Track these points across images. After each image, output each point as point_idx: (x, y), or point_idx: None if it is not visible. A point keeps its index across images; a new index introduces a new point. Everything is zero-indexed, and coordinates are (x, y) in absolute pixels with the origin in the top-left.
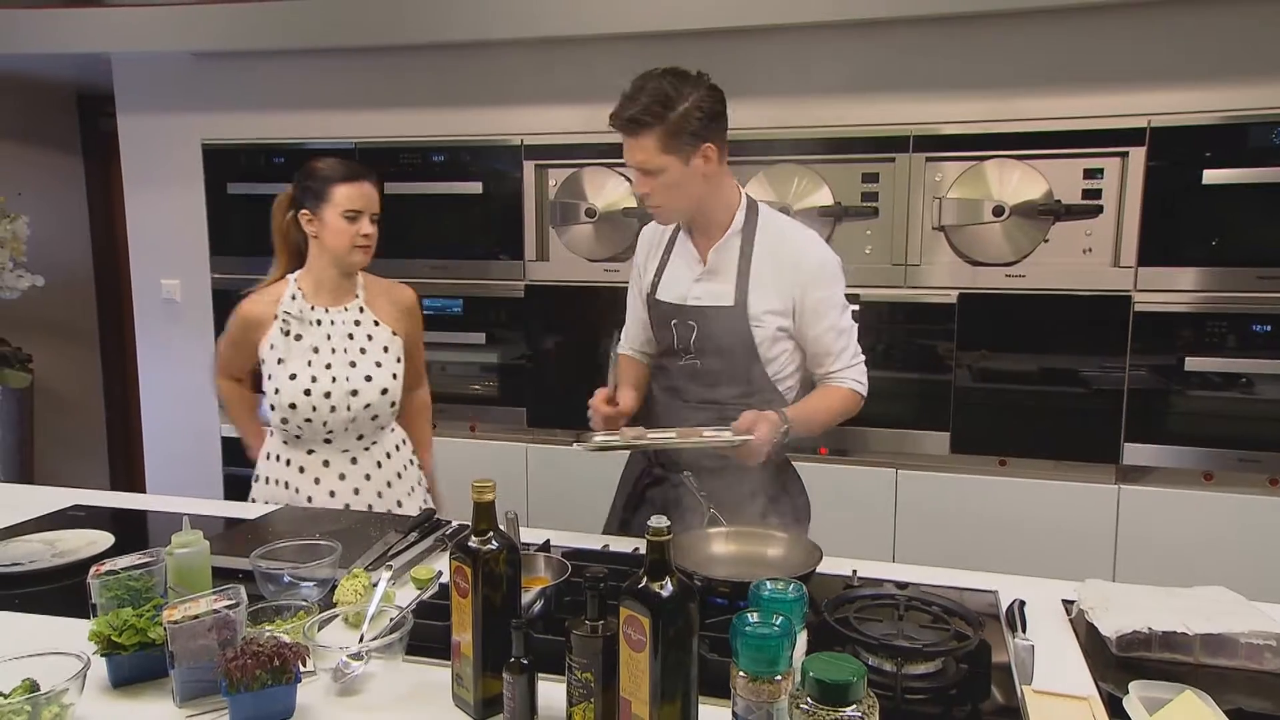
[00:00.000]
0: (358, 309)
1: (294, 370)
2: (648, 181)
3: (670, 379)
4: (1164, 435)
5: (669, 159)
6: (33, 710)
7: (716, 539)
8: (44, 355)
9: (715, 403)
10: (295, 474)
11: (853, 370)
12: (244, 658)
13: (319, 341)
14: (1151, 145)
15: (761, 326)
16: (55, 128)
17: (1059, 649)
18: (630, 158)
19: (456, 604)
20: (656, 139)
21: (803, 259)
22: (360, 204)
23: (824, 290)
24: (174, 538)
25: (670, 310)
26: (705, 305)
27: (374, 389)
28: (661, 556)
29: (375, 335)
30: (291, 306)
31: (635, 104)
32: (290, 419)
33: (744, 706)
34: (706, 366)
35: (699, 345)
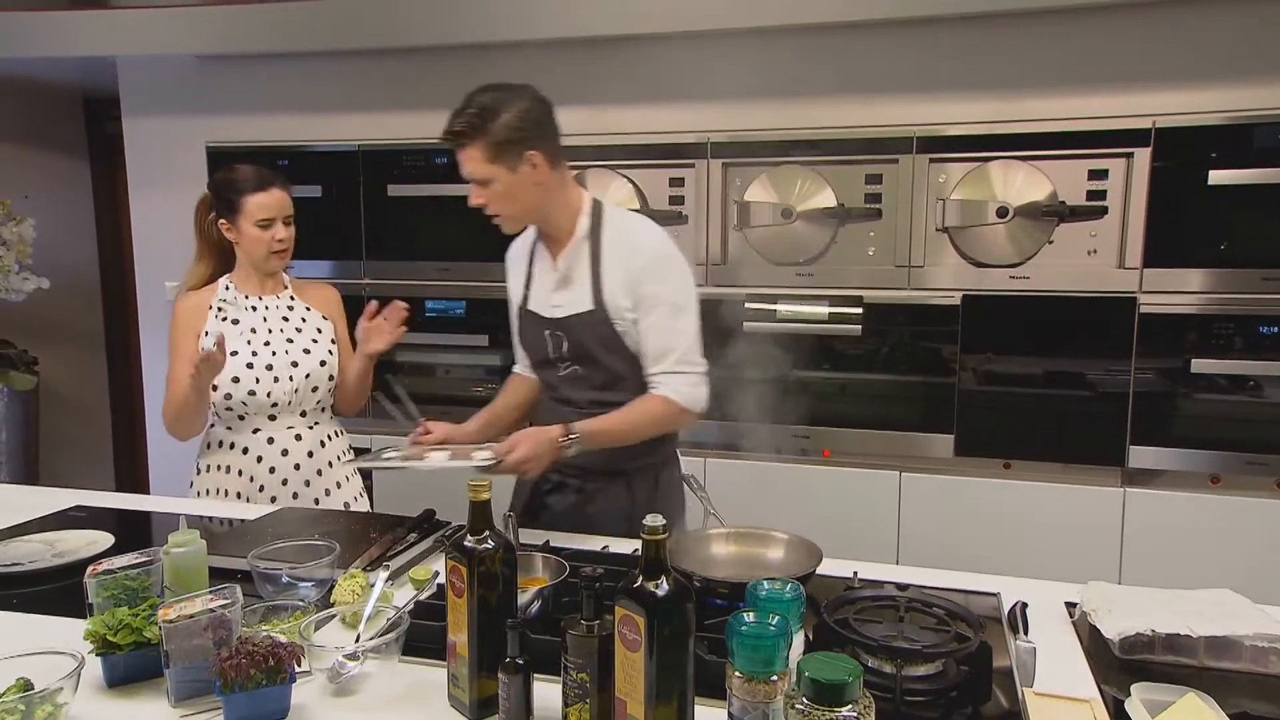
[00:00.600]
0: (289, 297)
1: (234, 348)
2: (481, 192)
3: (555, 389)
4: (1170, 438)
5: (496, 168)
6: (26, 709)
7: (716, 540)
8: (49, 358)
9: (606, 404)
10: (238, 456)
11: (675, 379)
12: (238, 657)
13: (255, 323)
14: (1157, 146)
15: (622, 321)
16: (62, 131)
17: (1061, 651)
18: (461, 170)
19: (452, 604)
20: (481, 150)
21: (638, 250)
22: (272, 211)
23: (653, 285)
24: (171, 537)
25: (541, 322)
26: (568, 314)
27: (313, 360)
28: (657, 555)
29: (308, 317)
30: (226, 295)
31: (458, 118)
32: (234, 394)
33: (740, 707)
34: (588, 372)
35: (574, 353)
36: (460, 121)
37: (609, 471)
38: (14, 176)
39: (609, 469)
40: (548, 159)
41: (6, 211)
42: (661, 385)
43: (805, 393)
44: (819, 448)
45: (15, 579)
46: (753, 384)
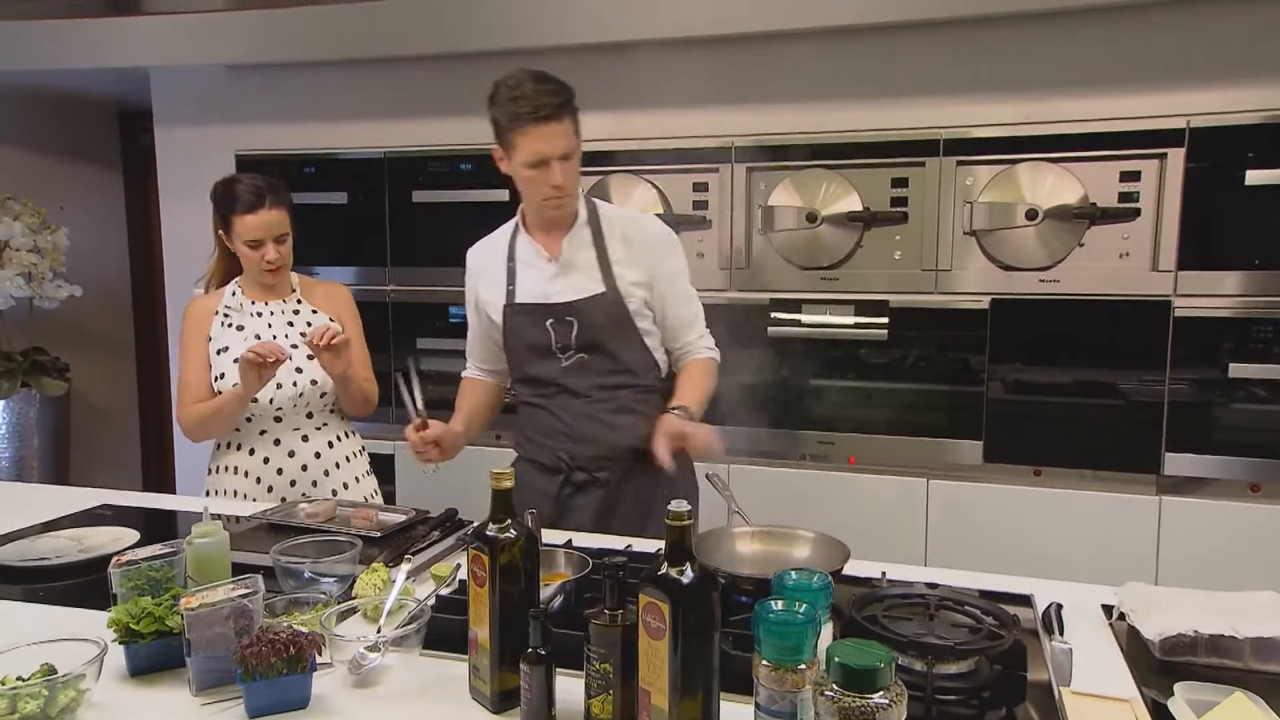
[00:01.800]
0: (295, 300)
1: (238, 355)
2: (565, 167)
3: (553, 384)
4: (1207, 445)
5: (577, 141)
6: (49, 695)
7: (742, 537)
8: (80, 365)
9: (612, 388)
10: (246, 457)
11: (707, 340)
12: (259, 645)
13: (260, 329)
14: (1191, 146)
15: (632, 300)
16: (97, 143)
17: (1099, 652)
18: (551, 146)
19: (474, 594)
20: (572, 121)
21: (649, 232)
22: (259, 233)
23: (673, 260)
24: (194, 528)
25: (541, 312)
26: (577, 298)
27: (317, 364)
28: (681, 542)
29: (314, 321)
30: (232, 301)
31: (554, 89)
32: None
33: (767, 696)
34: (595, 359)
35: (582, 340)
36: (561, 91)
37: (635, 455)
38: (50, 187)
39: (635, 452)
40: None
41: (41, 220)
42: (703, 348)
43: (830, 398)
44: (844, 454)
45: (42, 573)
46: (777, 389)
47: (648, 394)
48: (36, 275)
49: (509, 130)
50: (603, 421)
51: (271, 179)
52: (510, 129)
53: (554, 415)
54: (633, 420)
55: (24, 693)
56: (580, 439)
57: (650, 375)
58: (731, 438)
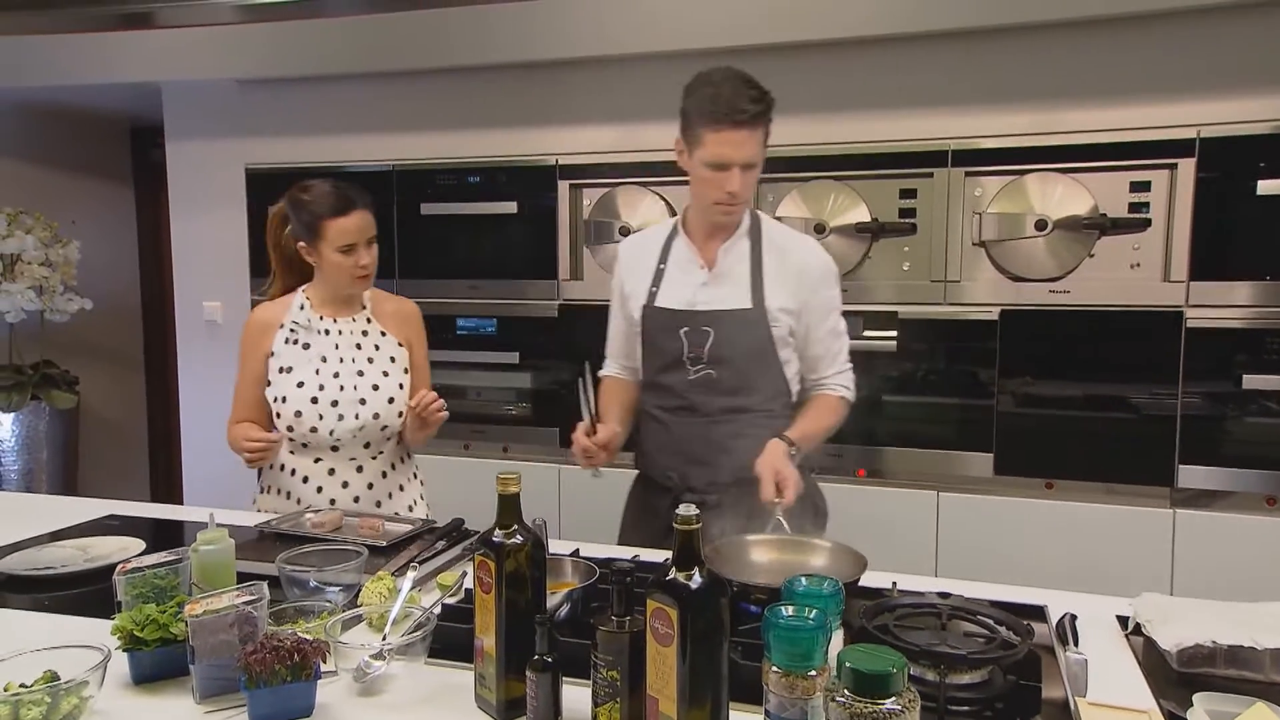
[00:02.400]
0: (365, 319)
1: (301, 378)
2: (745, 178)
3: (679, 396)
4: (1222, 457)
5: (762, 153)
6: (52, 701)
7: (758, 546)
8: (90, 379)
9: (738, 411)
10: (299, 484)
11: (844, 376)
12: (264, 652)
13: (327, 350)
14: (1202, 156)
15: (778, 325)
16: (109, 159)
17: (1114, 664)
18: (740, 151)
19: (480, 600)
20: (763, 130)
21: (810, 260)
22: (353, 236)
23: (830, 290)
24: (199, 535)
25: (679, 318)
26: (721, 309)
27: (381, 398)
28: (689, 546)
29: (382, 345)
30: (300, 316)
31: (757, 95)
32: (297, 427)
33: (777, 704)
34: (723, 375)
35: (715, 353)
36: (762, 98)
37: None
38: (62, 202)
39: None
40: None
41: (53, 234)
42: (838, 385)
43: None
44: (853, 467)
45: (48, 582)
46: None
47: (772, 420)
48: (48, 288)
49: (698, 126)
50: (719, 445)
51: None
52: (699, 125)
53: (671, 433)
54: (750, 446)
55: (26, 699)
56: (694, 460)
57: (778, 403)
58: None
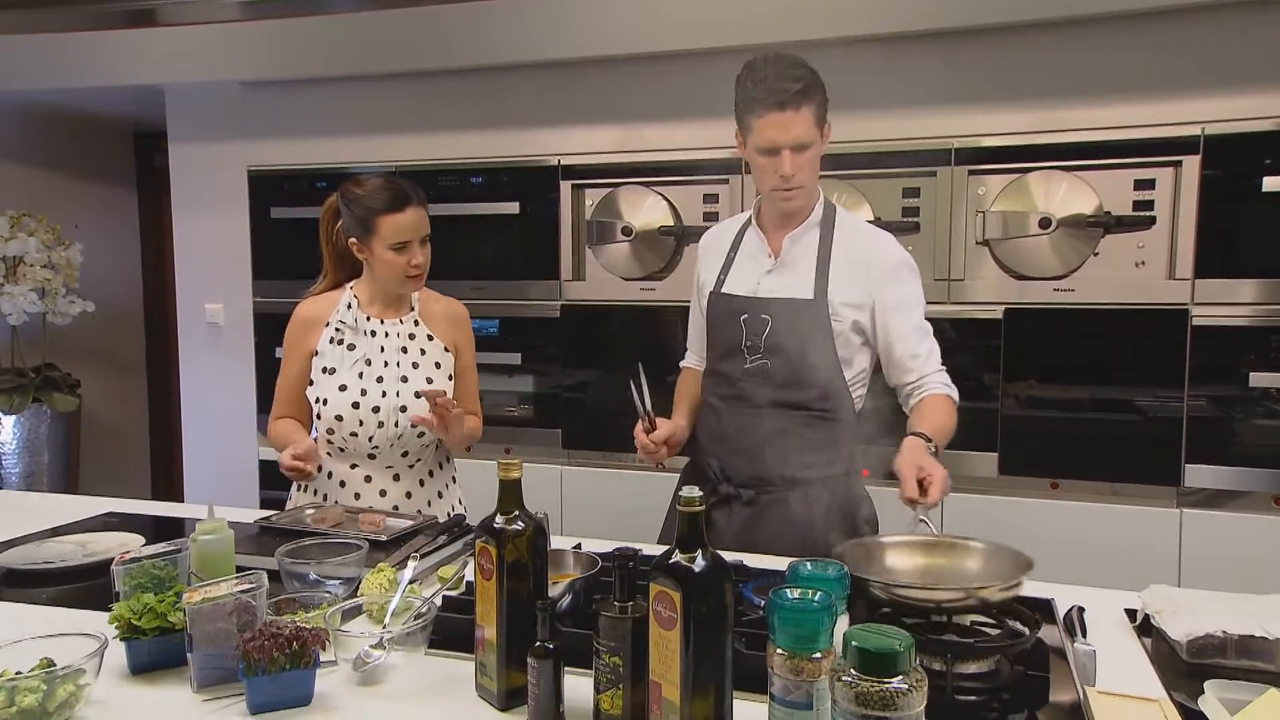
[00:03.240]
0: (413, 321)
1: (344, 381)
2: (796, 160)
3: (733, 385)
4: (1229, 456)
5: (816, 132)
6: (48, 688)
7: (897, 549)
8: (91, 382)
9: (789, 406)
10: (336, 488)
11: (943, 376)
12: (262, 639)
13: (372, 353)
14: (1206, 153)
15: (839, 320)
16: (112, 163)
17: (1123, 655)
18: (787, 133)
19: (480, 588)
20: (813, 111)
21: (882, 255)
22: (408, 234)
23: (905, 287)
24: (198, 525)
25: (739, 305)
26: (781, 297)
27: (423, 404)
28: (693, 529)
29: (428, 350)
30: (346, 315)
31: (797, 75)
32: (336, 430)
33: (782, 686)
34: (778, 366)
35: (771, 342)
36: (806, 78)
37: (786, 481)
38: (66, 206)
39: (786, 479)
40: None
41: (55, 236)
42: (940, 384)
43: None
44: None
45: (46, 576)
46: None
47: (825, 423)
48: (50, 291)
49: (746, 113)
50: (763, 438)
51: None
52: (746, 113)
53: (720, 421)
54: (796, 445)
55: (23, 685)
56: (735, 450)
57: (834, 403)
58: None
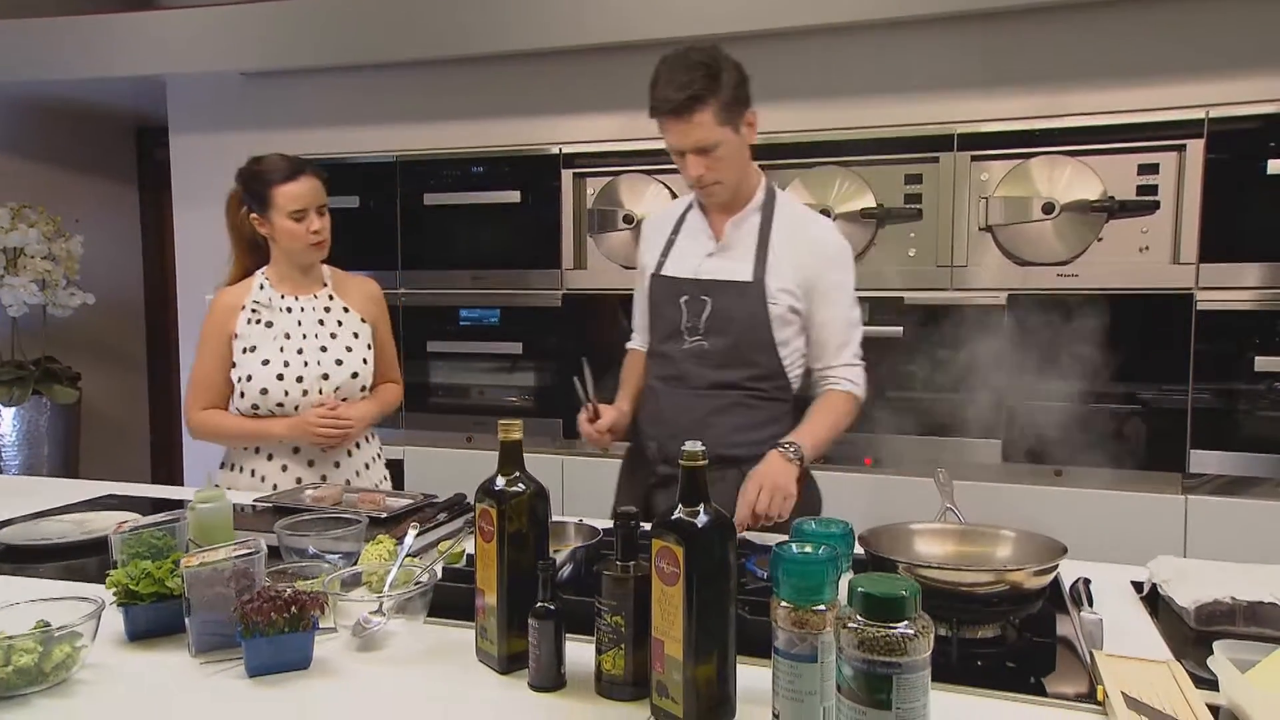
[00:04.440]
0: (327, 296)
1: (266, 356)
2: (703, 161)
3: (672, 365)
4: (1234, 441)
5: (725, 131)
6: (44, 649)
7: (925, 536)
8: (91, 376)
9: (727, 386)
10: (263, 461)
11: (854, 370)
12: (260, 601)
13: (290, 327)
14: (1210, 137)
15: (776, 304)
16: (114, 158)
17: (1130, 624)
18: (685, 139)
19: (481, 550)
20: (713, 112)
21: (822, 241)
22: (304, 201)
23: (840, 274)
24: (196, 494)
25: (680, 286)
26: (720, 279)
27: (345, 372)
28: (695, 484)
29: (345, 321)
30: (260, 296)
31: (686, 81)
32: (262, 404)
33: (786, 639)
34: (715, 347)
35: (710, 324)
36: (697, 85)
37: (723, 461)
38: (67, 200)
39: (723, 458)
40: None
41: (56, 228)
42: (844, 380)
43: None
44: (860, 455)
45: (44, 552)
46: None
47: (760, 401)
48: (50, 282)
49: (654, 115)
50: (700, 419)
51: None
52: (653, 114)
53: (660, 402)
54: (733, 424)
55: (19, 646)
56: (674, 432)
57: (771, 384)
58: None
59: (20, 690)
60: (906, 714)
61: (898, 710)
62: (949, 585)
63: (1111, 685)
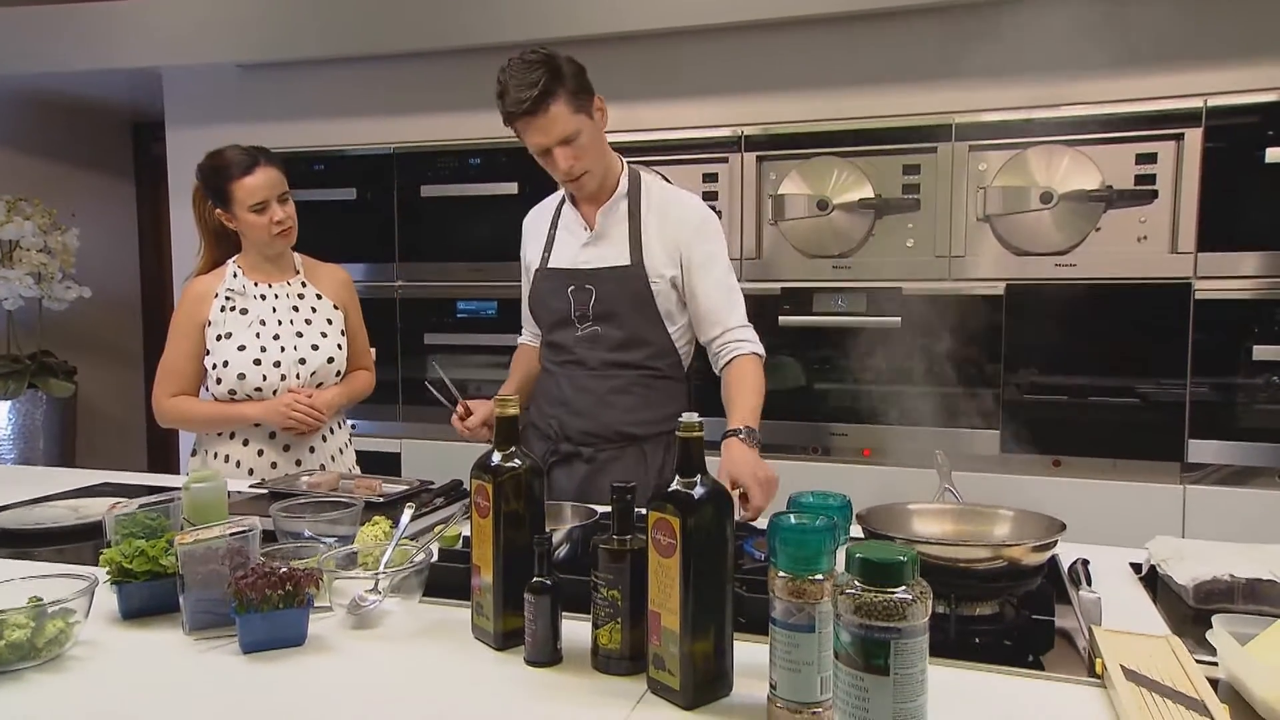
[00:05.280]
0: (299, 283)
1: (242, 342)
2: (569, 152)
3: (567, 351)
4: (1232, 431)
5: (580, 118)
6: (36, 624)
7: (923, 516)
8: (87, 371)
9: (622, 366)
10: (238, 447)
11: (747, 331)
12: (255, 577)
13: (264, 314)
14: (1209, 126)
15: (657, 281)
16: (110, 153)
17: (1128, 604)
18: (548, 135)
19: (477, 527)
20: (564, 101)
21: (688, 214)
22: (263, 193)
23: (709, 244)
24: (190, 472)
25: (565, 278)
26: (601, 267)
27: (320, 357)
28: (692, 455)
29: (318, 307)
30: (234, 284)
31: (533, 79)
32: (239, 389)
33: (783, 609)
34: (607, 332)
35: (599, 310)
36: (541, 83)
37: (623, 438)
38: (63, 194)
39: (623, 435)
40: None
41: (52, 220)
42: (743, 342)
43: (843, 389)
44: (858, 446)
45: (38, 536)
46: (789, 381)
47: (657, 380)
48: (46, 275)
49: (509, 123)
50: (600, 398)
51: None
52: (508, 122)
53: (558, 384)
54: (631, 403)
55: (11, 621)
56: (574, 411)
57: (665, 362)
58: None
59: (13, 665)
60: (904, 679)
61: (895, 675)
62: (947, 561)
63: (1110, 659)
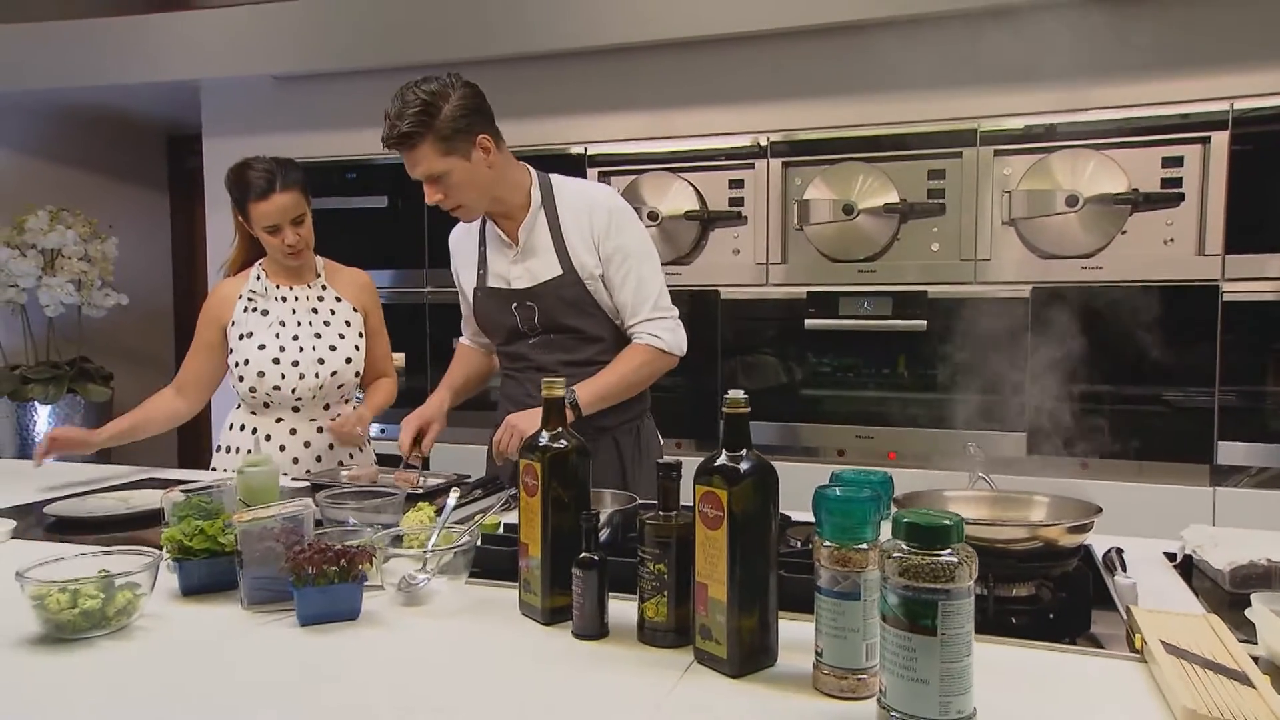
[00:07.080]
0: (320, 286)
1: (262, 341)
2: (436, 188)
3: (525, 359)
4: (1263, 432)
5: (450, 161)
6: (106, 595)
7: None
8: (123, 376)
9: (579, 364)
10: (262, 443)
11: (655, 325)
12: (311, 552)
13: (284, 315)
14: (1235, 129)
15: (591, 280)
16: (146, 165)
17: (1165, 589)
18: (413, 170)
19: (525, 505)
20: (432, 146)
21: (595, 207)
22: (274, 219)
23: (618, 237)
24: (244, 458)
25: (505, 296)
26: (535, 284)
27: (339, 357)
28: (739, 430)
29: (337, 310)
30: (257, 286)
31: (401, 120)
32: (259, 387)
33: (829, 578)
34: (559, 338)
35: (544, 321)
36: (407, 123)
37: (593, 430)
38: (100, 205)
39: (593, 428)
40: (494, 141)
41: (92, 230)
42: (644, 334)
43: (869, 392)
44: (884, 449)
45: (94, 524)
46: (815, 384)
47: None
48: (86, 283)
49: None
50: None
51: (282, 159)
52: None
53: (523, 385)
54: None
55: (84, 590)
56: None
57: (619, 352)
58: (768, 432)
59: (86, 632)
60: (951, 639)
61: (943, 635)
62: (984, 542)
63: (1151, 635)
